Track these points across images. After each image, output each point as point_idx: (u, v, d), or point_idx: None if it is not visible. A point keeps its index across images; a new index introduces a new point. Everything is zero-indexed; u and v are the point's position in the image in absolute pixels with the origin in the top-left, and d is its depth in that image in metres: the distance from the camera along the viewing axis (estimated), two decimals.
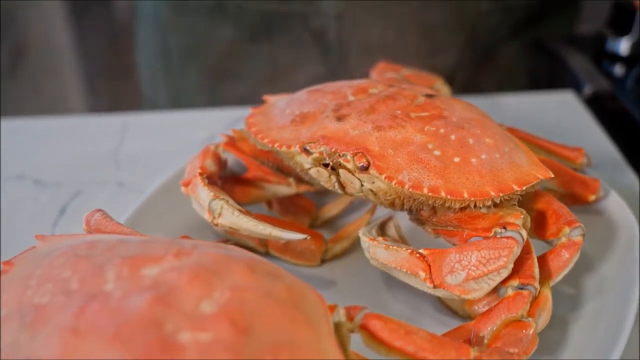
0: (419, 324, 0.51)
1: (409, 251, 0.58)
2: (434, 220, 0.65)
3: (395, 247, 0.59)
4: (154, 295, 0.41)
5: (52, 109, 1.92)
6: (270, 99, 0.75)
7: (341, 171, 0.64)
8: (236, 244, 0.68)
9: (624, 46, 1.07)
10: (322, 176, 0.66)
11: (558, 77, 1.12)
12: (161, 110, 1.08)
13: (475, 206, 0.61)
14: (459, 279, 0.56)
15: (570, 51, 1.12)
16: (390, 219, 0.67)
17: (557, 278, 0.60)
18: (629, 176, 0.84)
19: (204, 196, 0.64)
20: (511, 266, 0.56)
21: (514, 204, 0.62)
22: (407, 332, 0.49)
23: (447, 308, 0.64)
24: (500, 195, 0.60)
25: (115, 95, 2.11)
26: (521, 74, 1.21)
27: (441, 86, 0.84)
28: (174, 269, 0.44)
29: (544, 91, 1.07)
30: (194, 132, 0.94)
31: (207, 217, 0.64)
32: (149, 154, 0.92)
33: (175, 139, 0.94)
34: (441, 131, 0.62)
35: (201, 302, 0.42)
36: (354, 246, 0.71)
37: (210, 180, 0.67)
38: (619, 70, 1.07)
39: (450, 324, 0.61)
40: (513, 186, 0.60)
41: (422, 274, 0.57)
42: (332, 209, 0.76)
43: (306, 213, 0.75)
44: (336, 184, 0.66)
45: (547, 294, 0.58)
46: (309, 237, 0.62)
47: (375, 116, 0.64)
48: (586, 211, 0.70)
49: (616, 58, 1.08)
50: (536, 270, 0.58)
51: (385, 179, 0.61)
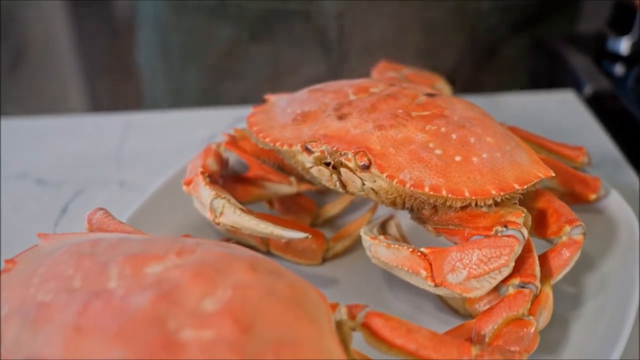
0: (420, 322, 0.51)
1: (410, 250, 0.58)
2: (435, 219, 0.65)
3: (396, 246, 0.59)
4: (156, 293, 0.41)
5: (53, 109, 1.92)
6: (272, 98, 0.75)
7: (342, 170, 0.64)
8: (237, 242, 0.68)
9: (624, 46, 1.07)
10: (323, 175, 0.66)
11: (559, 76, 1.12)
12: (162, 110, 1.08)
13: (476, 205, 0.61)
14: (460, 277, 0.56)
15: (571, 51, 1.12)
16: (391, 217, 0.67)
17: (558, 276, 0.60)
18: (629, 175, 0.84)
19: (205, 195, 0.64)
20: (512, 265, 0.56)
21: (515, 203, 0.62)
22: (408, 331, 0.48)
23: (448, 307, 0.64)
24: (501, 194, 0.60)
25: (116, 95, 2.11)
26: (522, 74, 1.21)
27: (442, 85, 0.84)
28: (177, 267, 0.44)
29: (544, 90, 1.07)
30: (195, 132, 0.94)
31: (209, 215, 0.64)
32: (151, 153, 0.92)
33: (177, 138, 0.94)
34: (442, 130, 0.62)
35: (204, 300, 0.42)
36: (355, 245, 0.71)
37: (211, 179, 0.67)
38: (619, 69, 1.07)
39: (451, 322, 0.61)
40: (514, 185, 0.60)
41: (424, 273, 0.57)
42: (333, 208, 0.77)
43: (307, 212, 0.75)
44: (337, 182, 0.66)
45: (548, 292, 0.58)
46: (310, 236, 0.62)
47: (377, 115, 0.64)
48: (587, 210, 0.70)
49: (616, 57, 1.08)
50: (537, 269, 0.58)
51: (386, 177, 0.61)
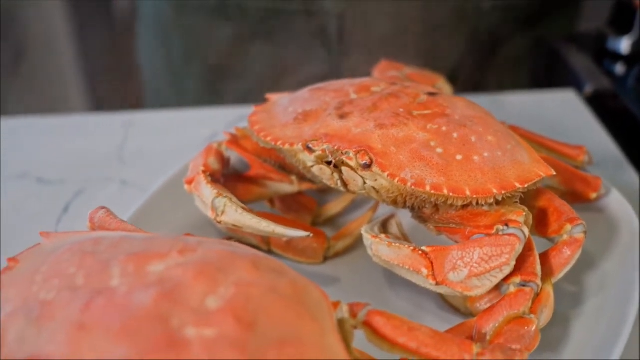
0: (421, 320, 0.51)
1: (412, 248, 0.59)
2: (436, 217, 0.65)
3: (397, 245, 0.59)
4: (159, 291, 0.42)
5: (53, 109, 1.92)
6: (273, 97, 0.75)
7: (344, 169, 0.64)
8: (239, 241, 0.68)
9: (624, 45, 1.07)
10: (324, 174, 0.66)
11: (559, 75, 1.12)
12: (164, 109, 1.08)
13: (477, 204, 0.61)
14: (462, 276, 0.56)
15: (572, 50, 1.12)
16: (392, 216, 0.67)
17: (559, 275, 0.60)
18: (630, 174, 0.85)
19: (207, 194, 0.65)
20: (513, 263, 0.56)
21: (516, 202, 0.62)
22: (409, 329, 0.49)
23: (450, 305, 0.64)
24: (503, 192, 0.60)
25: (117, 95, 2.11)
26: (523, 73, 1.21)
27: (443, 85, 0.84)
28: (179, 265, 0.44)
29: (545, 90, 1.07)
30: (196, 131, 0.95)
31: (211, 214, 0.64)
32: (152, 152, 0.92)
33: (178, 137, 0.94)
34: (443, 129, 0.63)
35: (206, 297, 0.42)
36: (356, 244, 0.71)
37: (213, 178, 0.67)
38: (619, 69, 1.07)
39: (452, 321, 0.61)
40: (515, 184, 0.61)
41: (425, 271, 0.57)
42: (334, 207, 0.77)
43: (308, 211, 0.75)
44: (339, 181, 0.66)
45: (549, 290, 0.58)
46: (311, 235, 0.62)
47: (378, 114, 0.64)
48: (587, 209, 0.70)
49: (617, 57, 1.08)
50: (538, 268, 0.58)
51: (387, 176, 0.61)
